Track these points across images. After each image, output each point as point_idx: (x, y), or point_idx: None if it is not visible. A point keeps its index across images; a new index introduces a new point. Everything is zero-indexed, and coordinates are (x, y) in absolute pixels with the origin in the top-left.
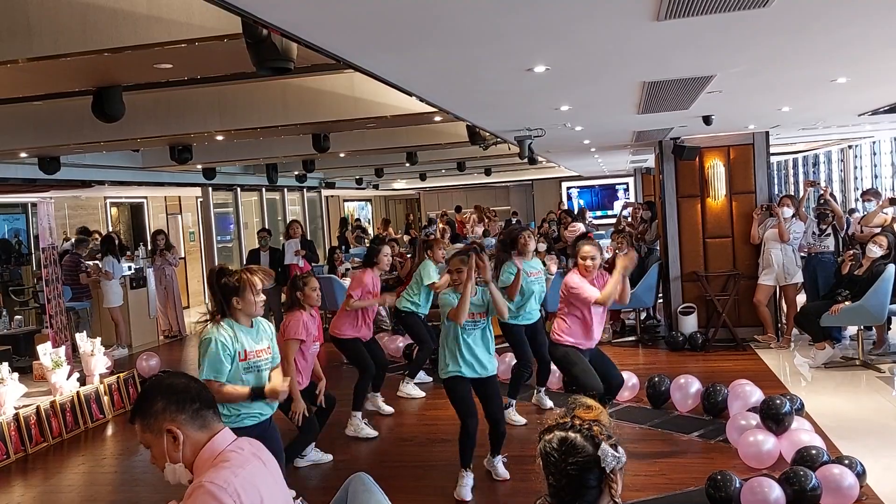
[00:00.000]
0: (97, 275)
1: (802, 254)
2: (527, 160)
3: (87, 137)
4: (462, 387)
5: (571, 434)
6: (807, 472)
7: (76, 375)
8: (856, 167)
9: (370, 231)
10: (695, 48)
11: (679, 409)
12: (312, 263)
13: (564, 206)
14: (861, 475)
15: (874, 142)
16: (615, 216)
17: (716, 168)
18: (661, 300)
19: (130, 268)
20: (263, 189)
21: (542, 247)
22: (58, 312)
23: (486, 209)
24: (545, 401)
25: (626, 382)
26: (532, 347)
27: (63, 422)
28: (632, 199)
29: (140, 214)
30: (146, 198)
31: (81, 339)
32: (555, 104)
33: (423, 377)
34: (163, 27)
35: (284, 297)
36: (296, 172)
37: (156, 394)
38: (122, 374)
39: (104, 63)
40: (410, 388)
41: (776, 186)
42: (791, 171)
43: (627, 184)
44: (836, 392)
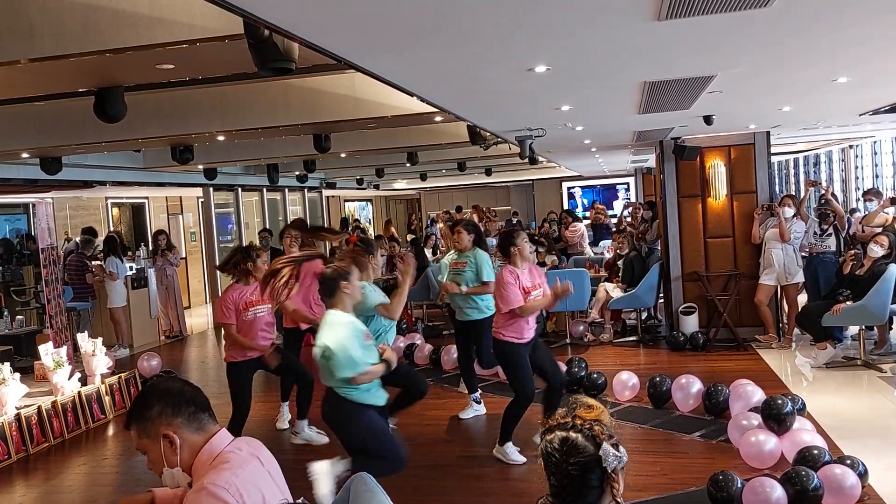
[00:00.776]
0: (102, 275)
1: (803, 253)
2: (527, 160)
3: (89, 138)
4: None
5: (573, 434)
6: (808, 472)
7: (77, 375)
8: (857, 167)
9: (370, 231)
10: (696, 48)
11: (680, 409)
12: None
13: (566, 206)
14: (863, 475)
15: (875, 141)
16: (616, 216)
17: (717, 168)
18: (662, 300)
19: (132, 268)
20: (264, 189)
21: (542, 249)
22: (58, 312)
23: (487, 209)
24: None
25: (627, 382)
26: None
27: (64, 422)
28: (632, 199)
29: (141, 215)
30: (147, 198)
31: (82, 340)
32: (555, 104)
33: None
34: (164, 28)
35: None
36: (297, 173)
37: (150, 399)
38: (124, 375)
39: (106, 63)
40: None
41: (777, 186)
42: (792, 171)
43: (628, 184)
44: (838, 392)
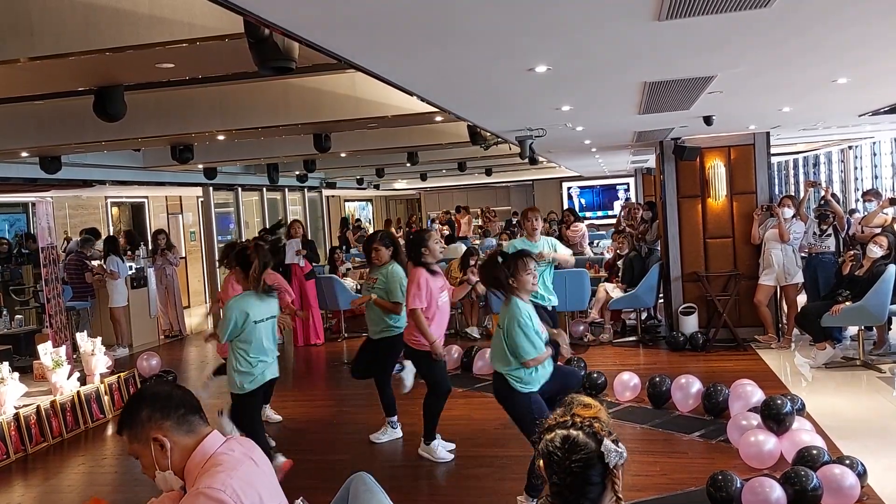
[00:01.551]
0: (103, 275)
1: (803, 254)
2: (527, 160)
3: (89, 137)
4: None
5: (573, 432)
6: (808, 472)
7: (76, 375)
8: (856, 167)
9: (370, 230)
10: (696, 48)
11: (680, 410)
12: (313, 263)
13: (566, 206)
14: (862, 475)
15: (874, 142)
16: (616, 216)
17: (716, 168)
18: (662, 300)
19: (131, 267)
20: (264, 189)
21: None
22: (58, 312)
23: (487, 209)
24: None
25: (628, 383)
26: None
27: (63, 421)
28: (630, 200)
29: (141, 214)
30: (147, 197)
31: (82, 339)
32: (556, 104)
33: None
34: (164, 27)
35: None
36: (297, 172)
37: (140, 403)
38: (123, 374)
39: (106, 63)
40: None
41: (777, 187)
42: (791, 172)
43: (628, 184)
44: (837, 392)
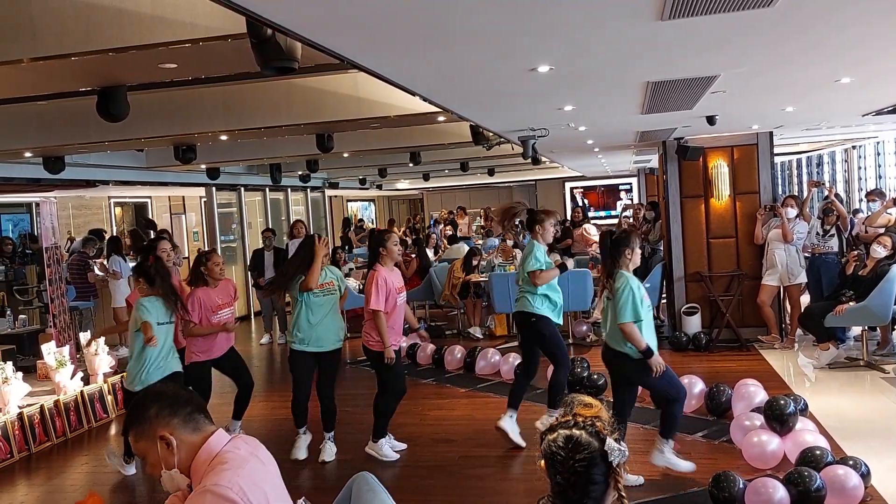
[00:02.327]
0: (106, 275)
1: (806, 254)
2: (530, 160)
3: (92, 137)
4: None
5: (576, 431)
6: (811, 473)
7: (80, 375)
8: (860, 167)
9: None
10: (699, 48)
11: (683, 410)
12: None
13: (569, 206)
14: (866, 476)
15: (878, 142)
16: (618, 217)
17: (719, 168)
18: (665, 300)
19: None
20: (267, 189)
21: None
22: (61, 312)
23: (489, 209)
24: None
25: None
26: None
27: (67, 421)
28: (632, 201)
29: (144, 214)
30: (150, 197)
31: (84, 339)
32: (558, 104)
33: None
34: (167, 27)
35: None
36: (299, 172)
37: (147, 401)
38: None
39: (108, 63)
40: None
41: (780, 187)
42: (795, 172)
43: (631, 184)
44: (841, 393)
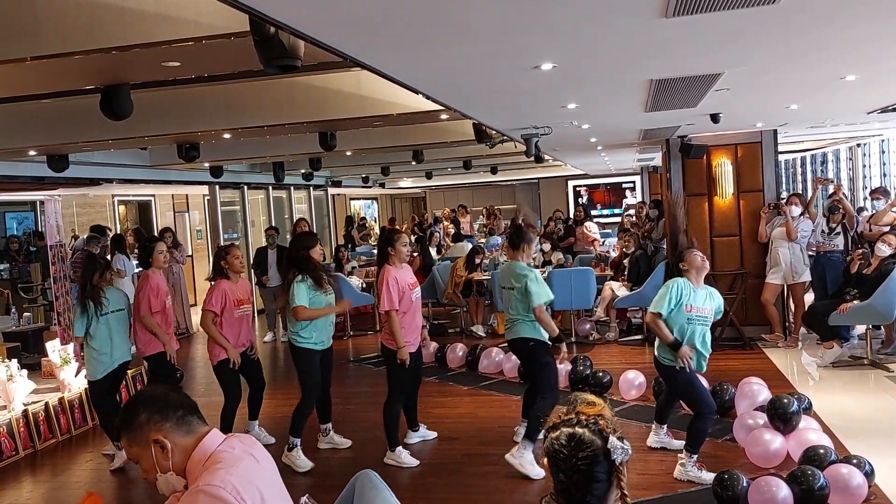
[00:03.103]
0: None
1: (810, 252)
2: (533, 158)
3: (95, 135)
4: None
5: (579, 429)
6: (815, 472)
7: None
8: (864, 165)
9: (376, 229)
10: (703, 46)
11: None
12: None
13: (572, 205)
14: (869, 475)
15: (883, 140)
16: (620, 214)
17: (723, 166)
18: None
19: (138, 265)
20: (270, 187)
21: (547, 246)
22: (66, 309)
23: (491, 207)
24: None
25: (633, 381)
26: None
27: (71, 418)
28: (634, 201)
29: (148, 212)
30: (154, 196)
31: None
32: (562, 102)
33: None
34: (170, 25)
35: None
36: (302, 171)
37: (137, 407)
38: (131, 371)
39: (112, 61)
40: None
41: (784, 185)
42: (799, 170)
43: (634, 182)
44: (844, 391)
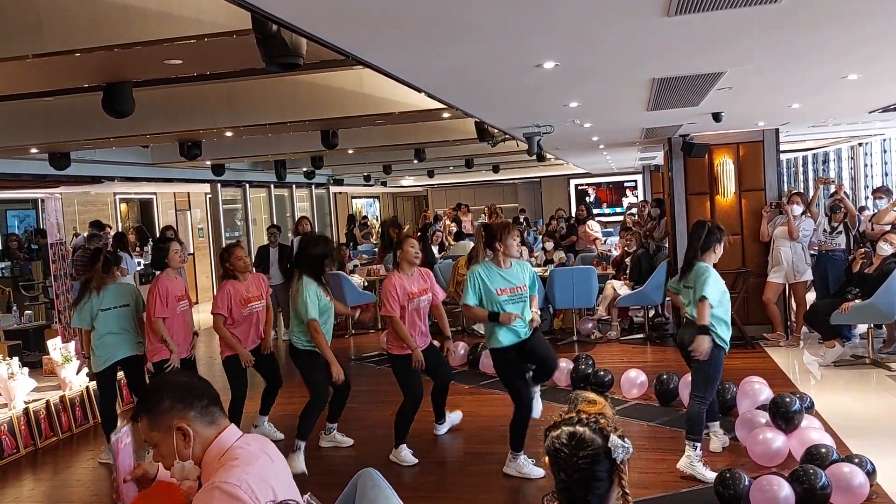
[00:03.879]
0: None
1: (813, 251)
2: (535, 157)
3: (97, 133)
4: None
5: (579, 428)
6: (816, 471)
7: (85, 370)
8: (866, 165)
9: (376, 226)
10: (705, 45)
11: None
12: None
13: (573, 203)
14: (871, 474)
15: (885, 139)
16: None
17: (725, 165)
18: (670, 298)
19: (140, 263)
20: (272, 185)
21: (550, 244)
22: (67, 308)
23: (493, 206)
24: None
25: (635, 380)
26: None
27: (72, 416)
28: (634, 200)
29: (149, 210)
30: (155, 194)
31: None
32: (564, 101)
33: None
34: (172, 23)
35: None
36: (304, 169)
37: (162, 392)
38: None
39: (114, 59)
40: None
41: (786, 184)
42: (801, 169)
43: (636, 181)
44: (846, 390)
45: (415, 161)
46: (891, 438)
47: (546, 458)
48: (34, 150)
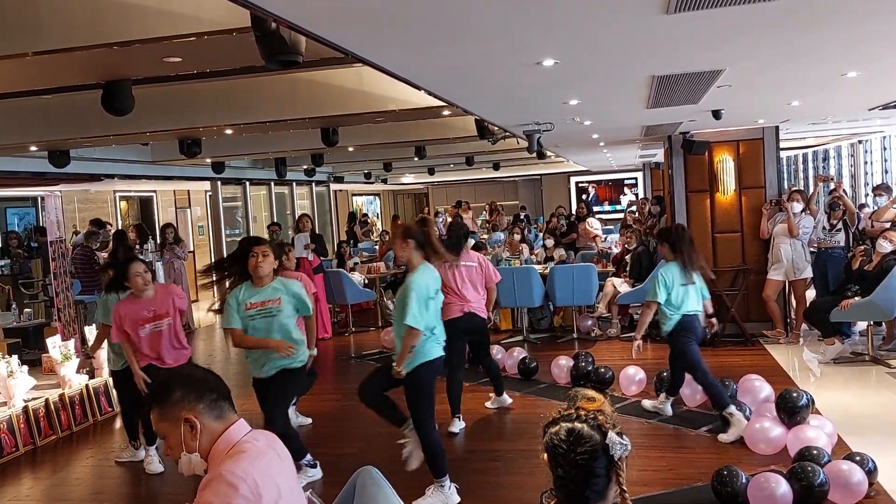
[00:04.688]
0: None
1: (812, 249)
2: (535, 155)
3: (97, 131)
4: None
5: (578, 424)
6: (814, 468)
7: (85, 368)
8: (866, 162)
9: (378, 224)
10: (705, 42)
11: (687, 404)
12: (321, 257)
13: (574, 201)
14: (871, 472)
15: (884, 136)
16: (623, 211)
17: (725, 163)
18: None
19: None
20: (272, 183)
21: (550, 242)
22: (66, 305)
23: (494, 203)
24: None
25: (634, 377)
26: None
27: (72, 414)
28: (632, 198)
29: (149, 208)
30: (155, 191)
31: (90, 332)
32: (564, 98)
33: None
34: (172, 21)
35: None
36: (304, 167)
37: (174, 383)
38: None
39: (113, 57)
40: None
41: (786, 181)
42: (801, 166)
43: (636, 178)
44: (846, 388)
45: (415, 158)
46: (890, 436)
47: (544, 455)
48: (34, 148)
